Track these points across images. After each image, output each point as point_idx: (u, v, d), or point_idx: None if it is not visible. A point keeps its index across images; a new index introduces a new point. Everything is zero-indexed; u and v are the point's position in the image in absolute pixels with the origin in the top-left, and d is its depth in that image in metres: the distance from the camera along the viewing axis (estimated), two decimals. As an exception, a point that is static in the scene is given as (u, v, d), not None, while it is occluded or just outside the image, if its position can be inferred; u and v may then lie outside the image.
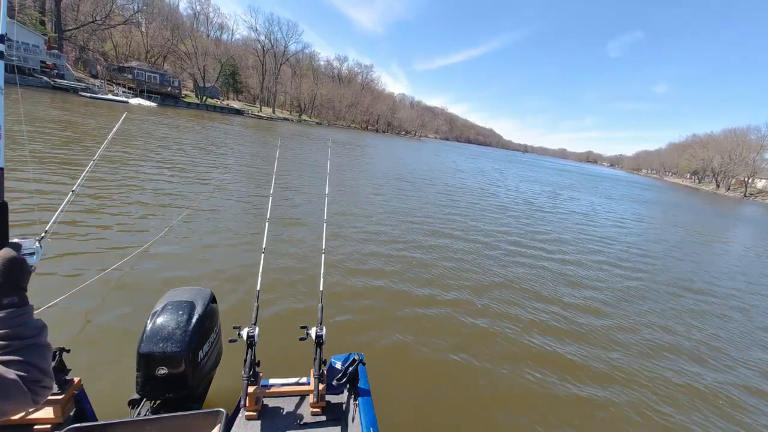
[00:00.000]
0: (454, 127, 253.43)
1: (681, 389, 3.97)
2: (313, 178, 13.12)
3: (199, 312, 2.03)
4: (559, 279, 6.70)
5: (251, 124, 43.17)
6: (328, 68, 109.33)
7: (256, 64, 74.69)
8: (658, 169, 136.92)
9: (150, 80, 47.89)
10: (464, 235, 8.74)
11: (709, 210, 31.04)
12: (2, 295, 0.84)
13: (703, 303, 6.83)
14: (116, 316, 3.57)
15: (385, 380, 3.19)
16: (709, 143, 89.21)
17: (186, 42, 58.74)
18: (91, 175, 2.26)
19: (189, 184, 9.25)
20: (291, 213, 8.20)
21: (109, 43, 52.40)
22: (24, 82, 32.11)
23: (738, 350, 5.11)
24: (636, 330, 5.17)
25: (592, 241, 10.59)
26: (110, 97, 36.70)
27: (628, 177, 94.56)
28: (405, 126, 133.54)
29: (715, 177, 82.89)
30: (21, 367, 0.81)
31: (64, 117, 17.78)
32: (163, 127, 21.89)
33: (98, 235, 5.36)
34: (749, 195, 69.31)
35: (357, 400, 2.03)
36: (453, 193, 15.73)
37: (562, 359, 4.12)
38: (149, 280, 4.34)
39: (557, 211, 15.64)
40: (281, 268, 5.26)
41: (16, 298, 0.86)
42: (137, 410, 1.89)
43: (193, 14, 70.42)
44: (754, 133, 76.88)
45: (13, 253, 0.88)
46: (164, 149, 13.89)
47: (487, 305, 5.14)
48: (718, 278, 8.83)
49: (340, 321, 4.12)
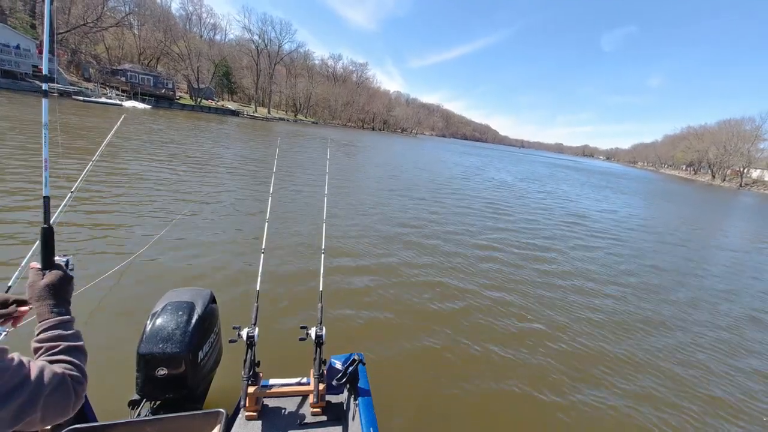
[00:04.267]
0: (450, 123, 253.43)
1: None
2: (312, 178, 13.10)
3: (198, 312, 2.03)
4: (567, 284, 6.59)
5: (247, 124, 43.00)
6: (322, 67, 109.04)
7: (250, 65, 74.30)
8: (654, 162, 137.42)
9: (143, 82, 47.58)
10: (466, 236, 8.76)
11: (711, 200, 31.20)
12: (54, 306, 0.98)
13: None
14: (116, 317, 3.56)
15: (385, 380, 3.19)
16: (705, 135, 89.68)
17: (179, 43, 58.34)
18: (90, 176, 2.25)
19: (187, 185, 9.20)
20: (290, 213, 8.18)
21: (101, 45, 51.99)
22: (16, 86, 31.86)
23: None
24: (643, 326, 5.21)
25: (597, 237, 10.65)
26: (104, 100, 36.46)
27: (623, 170, 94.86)
28: (401, 124, 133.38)
29: (710, 168, 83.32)
30: (67, 367, 0.88)
31: (60, 120, 17.64)
32: (159, 128, 21.76)
33: (97, 236, 5.34)
34: (745, 185, 69.72)
35: (357, 400, 2.03)
36: (454, 193, 15.74)
37: (563, 359, 4.13)
38: (149, 281, 4.33)
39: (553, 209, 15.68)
40: (281, 268, 5.25)
41: (63, 309, 1.00)
42: (137, 411, 1.89)
43: (185, 15, 69.90)
44: (748, 124, 77.41)
45: (63, 273, 1.03)
46: (161, 151, 13.81)
47: (488, 305, 5.15)
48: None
49: (340, 321, 4.12)
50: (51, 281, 0.99)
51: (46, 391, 0.78)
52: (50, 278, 1.00)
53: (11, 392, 0.71)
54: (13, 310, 1.08)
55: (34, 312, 0.99)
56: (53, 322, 0.95)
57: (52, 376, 0.81)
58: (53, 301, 0.98)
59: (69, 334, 0.96)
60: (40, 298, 0.97)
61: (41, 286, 0.98)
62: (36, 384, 0.76)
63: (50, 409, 0.79)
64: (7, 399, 0.70)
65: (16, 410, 0.72)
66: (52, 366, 0.84)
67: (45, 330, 0.94)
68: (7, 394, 0.71)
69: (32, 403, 0.75)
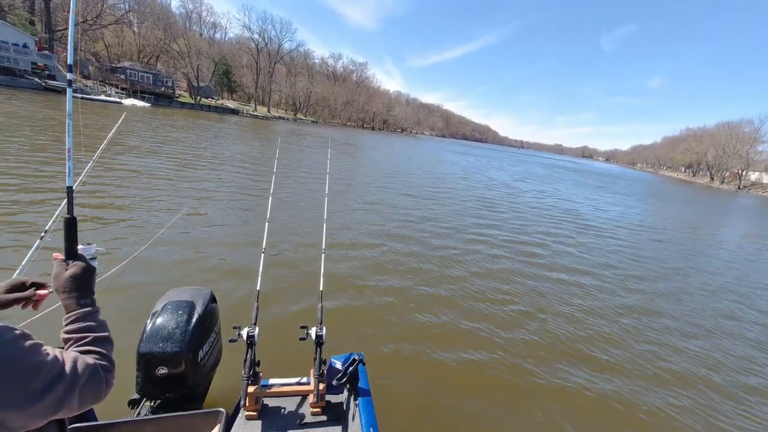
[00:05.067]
0: (450, 124, 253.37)
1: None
2: (313, 177, 13.09)
3: (199, 312, 2.03)
4: (577, 289, 6.51)
5: (247, 123, 42.93)
6: (322, 66, 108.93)
7: (250, 63, 74.15)
8: (653, 163, 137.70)
9: (143, 80, 47.45)
10: (467, 236, 8.77)
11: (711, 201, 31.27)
12: (80, 297, 1.00)
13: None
14: (116, 316, 3.54)
15: (385, 380, 3.19)
16: (704, 136, 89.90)
17: (179, 41, 58.18)
18: (90, 175, 2.24)
19: (187, 184, 9.19)
20: (291, 212, 8.18)
21: (100, 43, 51.80)
22: (15, 83, 31.74)
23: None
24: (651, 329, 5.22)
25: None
26: (103, 98, 36.35)
27: (621, 171, 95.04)
28: (401, 123, 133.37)
29: (709, 170, 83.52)
30: (98, 357, 0.92)
31: (57, 116, 17.59)
32: (158, 127, 21.71)
33: (97, 235, 5.33)
34: (743, 187, 69.92)
35: (357, 400, 2.03)
36: (454, 193, 15.75)
37: (565, 360, 4.14)
38: (149, 280, 4.33)
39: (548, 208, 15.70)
40: (281, 267, 5.25)
41: (89, 300, 1.02)
42: (137, 410, 1.89)
43: (185, 13, 69.78)
44: (747, 126, 77.62)
45: (86, 263, 1.05)
46: (161, 149, 13.79)
47: (489, 305, 5.16)
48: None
49: (340, 321, 4.11)
50: (75, 273, 1.01)
51: (81, 381, 0.83)
52: (74, 270, 1.02)
53: (50, 385, 0.76)
54: (31, 294, 1.09)
55: (58, 300, 1.00)
56: (80, 313, 0.98)
57: (85, 367, 0.85)
58: (78, 292, 1.00)
59: (96, 325, 0.99)
60: (66, 289, 0.99)
61: (66, 277, 0.99)
62: (71, 375, 0.81)
63: (86, 397, 0.84)
64: (48, 391, 0.75)
65: (56, 400, 0.77)
66: (84, 357, 0.88)
67: (73, 321, 0.97)
68: (47, 387, 0.75)
69: (69, 393, 0.80)
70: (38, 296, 1.10)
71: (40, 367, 0.75)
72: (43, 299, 1.12)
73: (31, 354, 0.75)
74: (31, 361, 0.74)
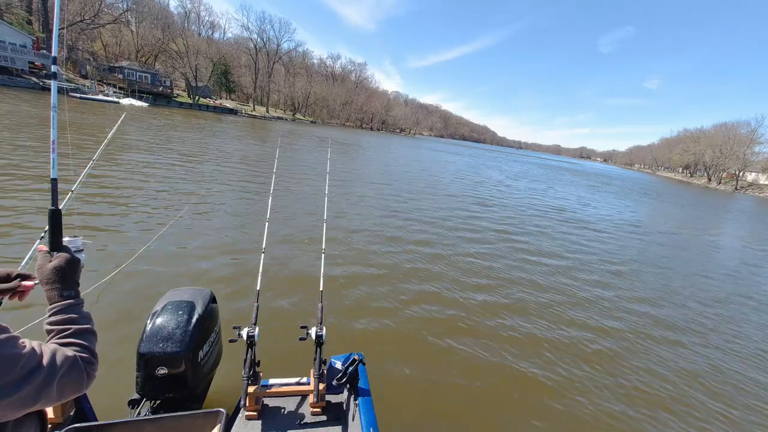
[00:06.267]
0: (449, 124, 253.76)
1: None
2: (312, 177, 13.08)
3: (199, 312, 2.03)
4: (580, 292, 6.53)
5: (245, 123, 42.83)
6: (321, 66, 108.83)
7: (248, 63, 74.03)
8: (650, 164, 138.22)
9: (141, 80, 47.26)
10: (467, 236, 8.77)
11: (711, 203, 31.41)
12: (63, 289, 1.00)
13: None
14: (116, 316, 3.54)
15: (385, 380, 3.19)
16: (701, 138, 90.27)
17: (177, 41, 58.00)
18: (89, 175, 2.24)
19: (187, 184, 9.16)
20: (291, 213, 8.16)
21: (98, 42, 51.62)
22: (12, 83, 31.59)
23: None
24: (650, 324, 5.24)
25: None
26: (101, 98, 36.18)
27: (619, 172, 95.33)
28: (399, 124, 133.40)
29: (706, 171, 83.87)
30: (78, 349, 0.93)
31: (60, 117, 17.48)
32: (157, 127, 21.64)
33: (97, 235, 5.31)
34: (740, 188, 70.25)
35: (357, 400, 2.03)
36: (455, 194, 15.76)
37: (567, 359, 4.15)
38: (149, 280, 4.32)
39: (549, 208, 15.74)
40: (281, 267, 5.24)
41: (73, 291, 1.02)
42: (137, 410, 1.89)
43: (184, 13, 69.56)
44: (744, 128, 77.99)
45: (70, 255, 1.05)
46: (160, 149, 13.74)
47: (489, 306, 5.16)
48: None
49: (340, 321, 4.12)
50: (58, 264, 1.01)
51: (59, 373, 0.83)
52: (58, 261, 1.01)
53: (27, 377, 0.77)
54: (16, 285, 1.09)
55: (43, 293, 1.00)
56: (63, 305, 0.98)
57: (64, 359, 0.85)
58: (61, 284, 1.00)
59: (78, 317, 0.99)
60: (49, 281, 0.99)
61: (49, 269, 1.00)
62: (49, 367, 0.81)
63: (65, 388, 0.85)
64: (24, 382, 0.76)
65: (33, 392, 0.78)
66: (63, 349, 0.88)
67: (55, 313, 0.97)
68: (23, 378, 0.76)
69: (47, 385, 0.80)
70: (23, 287, 1.10)
71: (16, 359, 0.75)
72: (28, 290, 1.12)
73: (7, 346, 0.75)
74: (7, 354, 0.74)
